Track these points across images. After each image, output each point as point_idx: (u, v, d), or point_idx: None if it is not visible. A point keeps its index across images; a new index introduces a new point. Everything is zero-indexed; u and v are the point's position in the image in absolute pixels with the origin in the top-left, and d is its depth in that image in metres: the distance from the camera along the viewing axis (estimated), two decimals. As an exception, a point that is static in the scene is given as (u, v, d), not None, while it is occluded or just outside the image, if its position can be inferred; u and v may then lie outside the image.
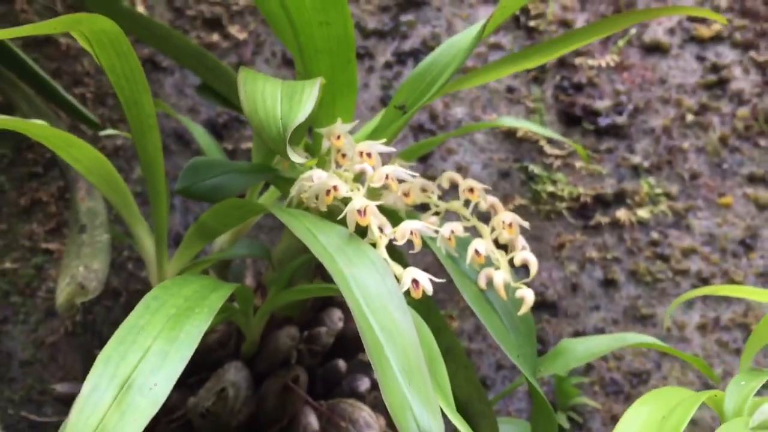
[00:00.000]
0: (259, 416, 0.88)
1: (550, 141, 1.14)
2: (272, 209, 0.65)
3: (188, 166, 0.75)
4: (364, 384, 0.94)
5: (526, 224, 0.77)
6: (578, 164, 1.14)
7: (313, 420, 0.89)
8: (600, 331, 1.07)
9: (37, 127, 0.73)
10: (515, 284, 0.75)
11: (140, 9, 1.22)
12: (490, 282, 0.75)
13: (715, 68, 1.16)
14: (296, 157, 0.56)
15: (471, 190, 0.78)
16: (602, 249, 1.10)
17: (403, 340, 0.57)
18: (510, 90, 1.18)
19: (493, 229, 0.78)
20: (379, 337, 0.56)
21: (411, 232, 0.67)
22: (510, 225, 0.76)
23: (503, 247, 0.79)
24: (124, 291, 1.13)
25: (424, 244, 0.74)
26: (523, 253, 0.76)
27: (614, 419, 1.04)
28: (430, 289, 0.64)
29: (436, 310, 0.82)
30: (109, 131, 1.03)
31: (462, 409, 0.79)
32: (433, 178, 1.13)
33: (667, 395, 0.66)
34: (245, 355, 0.89)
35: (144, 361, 0.53)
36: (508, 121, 1.07)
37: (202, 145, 0.96)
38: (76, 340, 1.11)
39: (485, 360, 1.08)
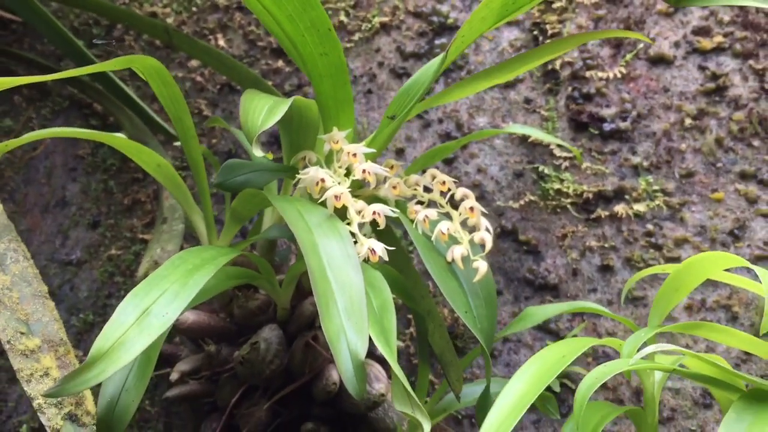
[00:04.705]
0: (290, 368, 1.10)
1: (560, 145, 1.30)
2: (269, 197, 0.87)
3: (224, 166, 0.98)
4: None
5: (484, 209, 0.95)
6: (584, 165, 1.29)
7: (334, 373, 1.09)
8: (596, 310, 1.22)
9: (116, 139, 0.98)
10: (474, 257, 0.93)
11: (221, 42, 1.48)
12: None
13: (715, 76, 1.28)
14: (259, 151, 0.77)
15: (443, 182, 0.97)
16: (601, 239, 1.25)
17: (351, 290, 0.77)
18: (527, 101, 1.35)
19: (460, 214, 0.96)
20: (333, 286, 0.76)
21: (374, 213, 0.86)
22: (471, 209, 0.95)
23: (473, 229, 0.97)
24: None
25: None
26: (483, 233, 0.94)
27: (603, 386, 1.18)
28: (385, 256, 0.84)
29: (421, 282, 1.01)
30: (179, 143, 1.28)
31: (437, 358, 0.98)
32: (456, 179, 1.32)
33: (576, 341, 0.82)
34: (280, 319, 1.11)
35: (161, 297, 0.75)
36: (515, 128, 1.24)
37: (252, 152, 1.19)
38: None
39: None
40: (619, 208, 1.25)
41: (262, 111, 0.81)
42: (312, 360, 1.08)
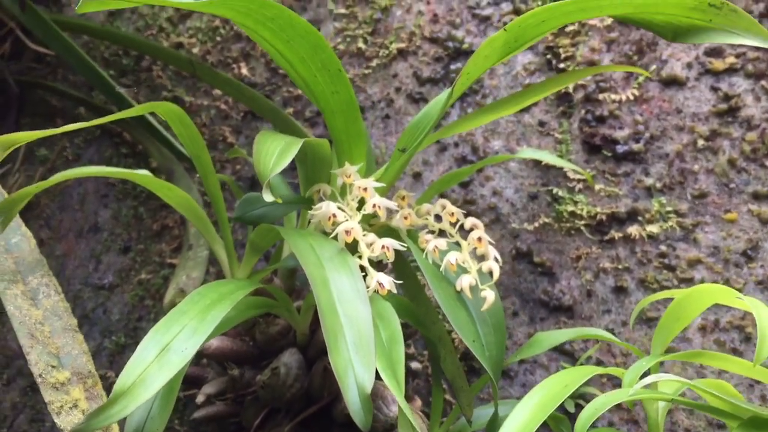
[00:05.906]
0: (311, 391, 1.14)
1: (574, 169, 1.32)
2: (282, 232, 0.91)
3: (242, 200, 1.02)
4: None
5: (491, 240, 0.98)
6: (597, 187, 1.31)
7: (353, 396, 1.13)
8: (610, 331, 1.24)
9: (139, 176, 1.04)
10: (482, 287, 0.96)
11: (244, 71, 1.53)
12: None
13: (728, 97, 1.29)
14: (269, 196, 0.81)
15: (452, 213, 1.00)
16: (615, 260, 1.27)
17: (359, 324, 0.81)
18: (541, 124, 1.37)
19: (469, 244, 0.99)
20: (342, 320, 0.80)
21: (383, 247, 0.90)
22: (479, 239, 0.98)
23: (482, 258, 1.00)
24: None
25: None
26: (491, 263, 0.97)
27: (617, 406, 1.20)
28: (393, 289, 0.87)
29: (433, 309, 1.04)
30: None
31: (449, 383, 1.01)
32: (472, 202, 1.36)
33: (580, 370, 0.85)
34: (300, 344, 1.15)
35: (181, 333, 0.80)
36: (528, 153, 1.27)
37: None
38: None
39: (508, 356, 1.28)
40: (633, 230, 1.27)
41: (273, 154, 0.85)
42: (330, 383, 1.12)
